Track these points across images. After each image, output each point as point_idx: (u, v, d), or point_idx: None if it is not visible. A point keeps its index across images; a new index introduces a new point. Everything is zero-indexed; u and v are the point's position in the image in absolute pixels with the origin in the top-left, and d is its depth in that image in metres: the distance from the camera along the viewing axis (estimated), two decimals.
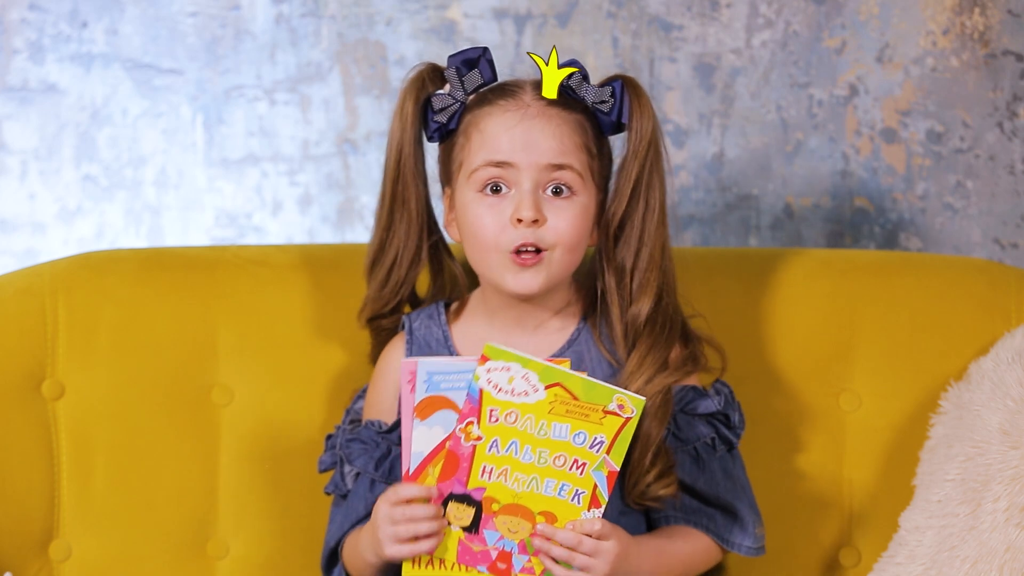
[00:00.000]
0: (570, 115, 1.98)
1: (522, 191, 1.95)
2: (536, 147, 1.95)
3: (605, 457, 1.87)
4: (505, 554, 1.88)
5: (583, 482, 1.87)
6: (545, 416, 1.87)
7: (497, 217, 1.96)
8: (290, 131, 2.54)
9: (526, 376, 1.87)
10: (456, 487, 1.87)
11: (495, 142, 1.96)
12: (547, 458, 1.87)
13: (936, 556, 2.01)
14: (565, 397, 1.87)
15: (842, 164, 2.54)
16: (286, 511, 2.19)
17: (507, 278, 1.97)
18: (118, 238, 2.53)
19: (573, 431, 1.87)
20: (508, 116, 1.97)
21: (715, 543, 2.03)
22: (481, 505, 1.87)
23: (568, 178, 1.96)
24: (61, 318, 2.19)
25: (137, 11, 2.52)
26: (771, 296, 2.23)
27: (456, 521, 1.87)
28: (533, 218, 1.94)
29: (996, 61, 2.53)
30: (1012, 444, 2.02)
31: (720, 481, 2.03)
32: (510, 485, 1.87)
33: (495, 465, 1.87)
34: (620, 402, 1.87)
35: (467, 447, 1.87)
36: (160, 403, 2.19)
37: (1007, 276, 2.24)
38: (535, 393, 1.87)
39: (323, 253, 2.27)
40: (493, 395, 1.87)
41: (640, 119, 1.98)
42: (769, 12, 2.53)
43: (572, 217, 1.96)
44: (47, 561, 2.17)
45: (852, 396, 2.21)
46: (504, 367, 1.87)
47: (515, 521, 1.87)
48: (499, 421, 1.87)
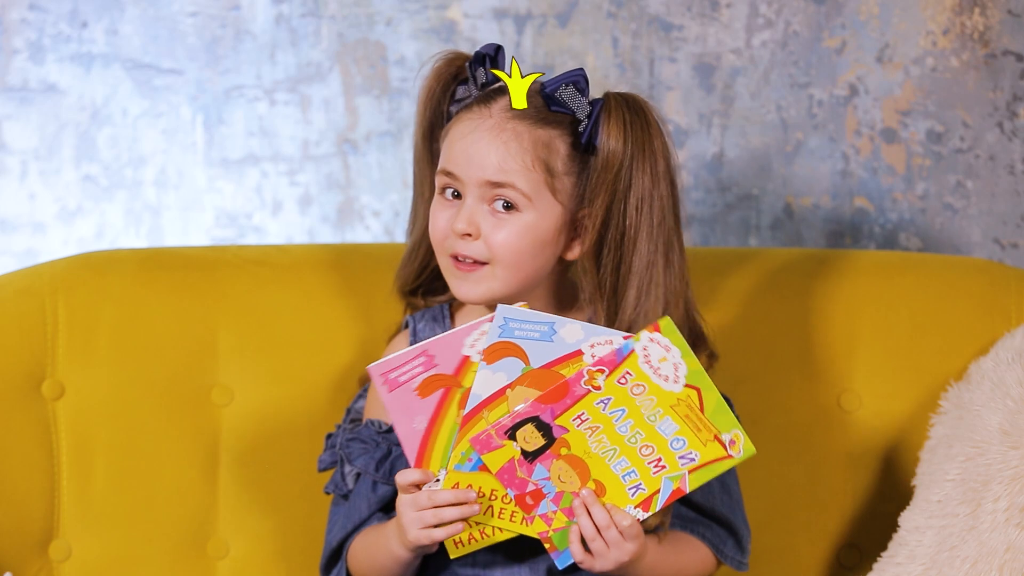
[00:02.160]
0: (533, 130, 1.95)
1: (465, 203, 1.95)
2: (477, 162, 1.94)
3: (685, 474, 1.86)
4: (539, 494, 1.87)
5: (651, 481, 1.87)
6: (665, 407, 1.86)
7: (446, 222, 1.97)
8: (290, 131, 2.54)
9: (678, 365, 1.87)
10: (547, 414, 1.87)
11: (449, 151, 1.97)
12: (638, 441, 1.86)
13: (936, 556, 2.01)
14: (694, 403, 1.86)
15: (842, 164, 2.54)
16: (286, 511, 2.19)
17: (451, 282, 1.98)
18: (118, 238, 2.53)
19: (677, 434, 1.86)
20: (463, 126, 1.96)
21: (711, 553, 2.02)
22: (553, 443, 1.86)
23: (511, 196, 1.94)
24: (61, 318, 2.19)
25: (137, 11, 2.52)
26: (771, 296, 2.23)
27: (522, 443, 1.87)
28: (464, 231, 1.95)
29: (996, 61, 2.53)
30: (1012, 444, 2.02)
31: (717, 494, 2.03)
32: (590, 442, 1.87)
33: (592, 418, 1.86)
34: (735, 438, 1.86)
35: (583, 388, 1.86)
36: (160, 403, 2.19)
37: (1007, 276, 2.24)
38: (674, 383, 1.87)
39: (323, 253, 2.27)
40: (639, 362, 1.86)
41: (607, 140, 1.94)
42: (769, 12, 2.53)
43: (508, 234, 1.94)
44: (47, 561, 2.17)
45: (852, 396, 2.21)
46: (667, 345, 1.87)
47: (569, 472, 1.87)
48: (626, 385, 1.86)
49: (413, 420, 1.89)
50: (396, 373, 1.89)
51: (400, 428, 1.89)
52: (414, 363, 1.89)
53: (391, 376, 1.89)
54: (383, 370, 1.89)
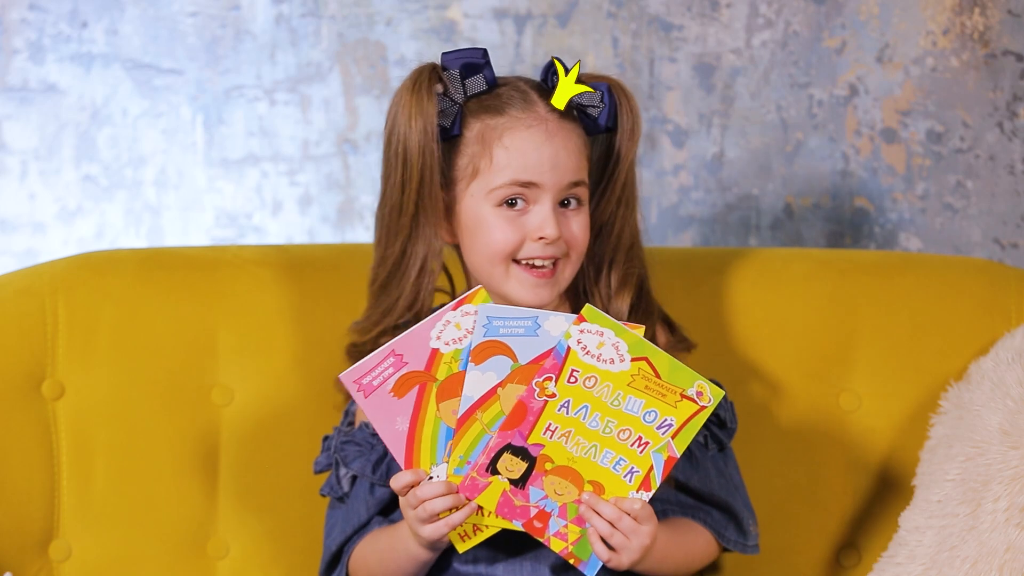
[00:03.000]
0: (576, 126, 1.99)
1: (544, 210, 1.96)
2: (561, 167, 1.97)
3: (670, 441, 1.86)
4: (544, 514, 1.87)
5: (641, 461, 1.86)
6: (623, 387, 1.86)
7: (515, 232, 1.97)
8: (290, 131, 2.54)
9: (617, 344, 1.87)
10: (516, 439, 1.86)
11: (523, 160, 1.96)
12: (613, 429, 1.86)
13: (936, 556, 2.01)
14: (648, 373, 1.86)
15: (842, 164, 2.54)
16: (286, 511, 2.19)
17: (521, 292, 1.98)
18: (118, 238, 2.53)
19: (646, 408, 1.86)
20: (533, 133, 1.97)
21: (714, 539, 2.03)
22: (535, 462, 1.86)
23: (581, 192, 1.99)
24: (61, 318, 2.19)
25: (137, 11, 2.52)
26: (771, 296, 2.23)
27: (506, 473, 1.86)
28: (557, 236, 1.96)
29: (996, 61, 2.53)
30: (1012, 444, 2.02)
31: (714, 479, 2.03)
32: (569, 448, 1.86)
33: (560, 425, 1.86)
34: (700, 389, 1.86)
35: (539, 402, 1.86)
36: (160, 403, 2.19)
37: (1007, 276, 2.24)
38: (620, 363, 1.86)
39: (323, 253, 2.27)
40: (579, 356, 1.86)
41: (629, 123, 2.00)
42: (769, 12, 2.53)
43: (582, 228, 1.99)
44: (47, 561, 2.17)
45: (852, 396, 2.21)
46: (598, 331, 1.87)
47: (563, 484, 1.87)
48: (577, 383, 1.86)
49: (395, 422, 1.89)
50: (368, 378, 1.89)
51: (383, 432, 1.89)
52: (384, 365, 1.89)
53: (364, 382, 1.88)
54: (355, 377, 1.89)
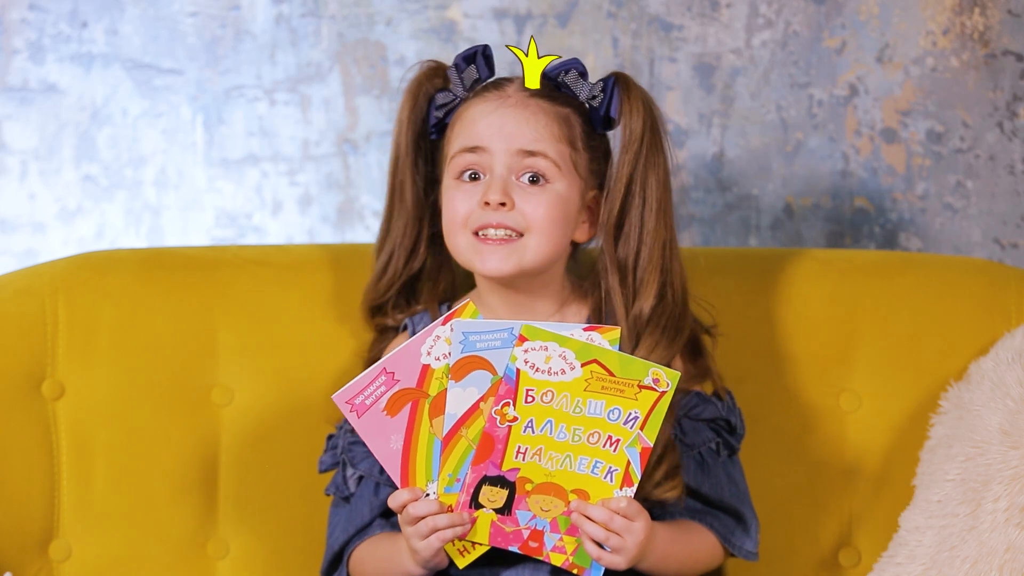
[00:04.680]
0: (553, 107, 1.98)
1: (494, 176, 1.96)
2: (509, 133, 1.96)
3: (639, 433, 1.87)
4: (537, 533, 1.88)
5: (616, 459, 1.87)
6: (581, 394, 1.87)
7: (468, 201, 1.97)
8: (290, 131, 2.54)
9: (563, 355, 1.87)
10: (490, 469, 1.87)
11: (471, 128, 1.98)
12: (581, 436, 1.87)
13: (936, 556, 2.01)
14: (601, 373, 1.87)
15: (842, 164, 2.54)
16: (286, 511, 2.19)
17: (475, 260, 1.98)
18: (118, 238, 2.53)
19: (608, 407, 1.87)
20: (486, 104, 1.98)
21: (720, 543, 2.03)
22: (515, 486, 1.87)
23: (542, 166, 1.97)
24: (61, 318, 2.19)
25: (137, 11, 2.52)
26: (771, 296, 2.23)
27: (489, 504, 1.87)
28: (500, 200, 1.95)
29: (996, 61, 2.53)
30: (1012, 444, 2.02)
31: (724, 486, 2.04)
32: (544, 464, 1.87)
33: (529, 446, 1.87)
34: (656, 376, 1.87)
35: (502, 429, 1.87)
36: (160, 403, 2.19)
37: (1007, 276, 2.24)
38: (572, 371, 1.87)
39: (323, 253, 2.27)
40: (530, 375, 1.87)
41: (630, 115, 1.98)
42: (769, 12, 2.53)
43: (544, 203, 1.97)
44: (47, 561, 2.17)
45: (852, 396, 2.21)
46: (541, 347, 1.87)
47: (548, 500, 1.87)
48: (535, 401, 1.87)
49: (389, 440, 1.88)
50: (361, 397, 1.88)
51: (378, 451, 1.89)
52: (376, 383, 1.88)
53: (356, 401, 1.88)
54: (347, 397, 1.88)
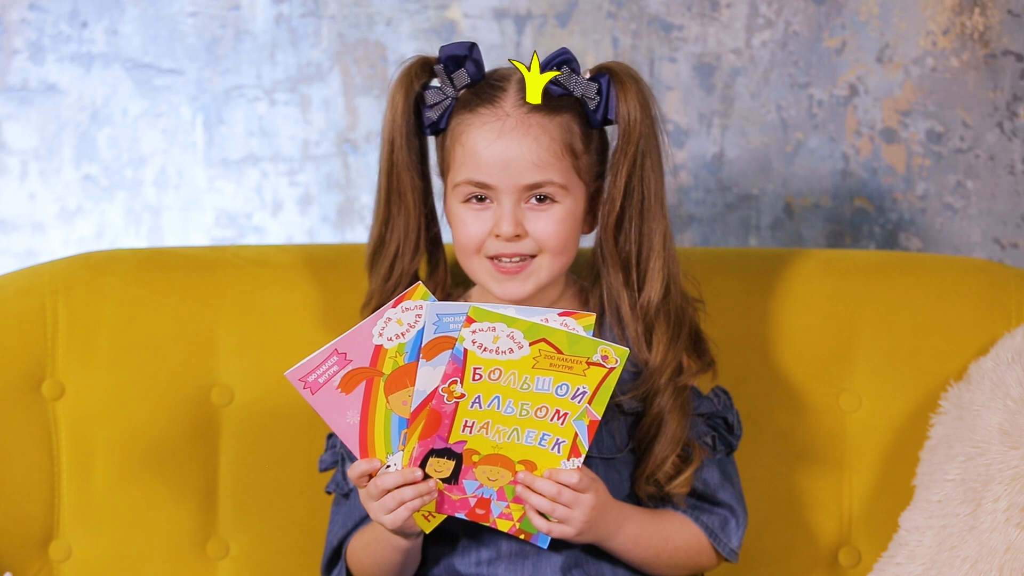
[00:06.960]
0: (552, 119, 1.96)
1: (503, 209, 1.96)
2: (514, 167, 1.94)
3: (587, 407, 1.87)
4: (484, 501, 1.89)
5: (564, 431, 1.88)
6: (529, 371, 1.87)
7: (480, 226, 1.97)
8: (290, 131, 2.54)
9: (511, 335, 1.87)
10: (437, 443, 1.88)
11: (475, 160, 1.95)
12: (529, 410, 1.87)
13: (936, 556, 2.01)
14: (549, 352, 1.87)
15: (842, 164, 2.54)
16: (286, 511, 2.19)
17: (492, 285, 1.99)
18: (118, 238, 2.53)
19: (556, 383, 1.87)
20: (487, 130, 1.95)
21: (706, 538, 2.02)
22: (461, 457, 1.88)
23: (549, 191, 1.96)
24: (61, 318, 2.19)
25: (137, 11, 2.52)
26: (771, 296, 2.23)
27: (436, 474, 1.88)
28: (512, 234, 1.95)
29: (996, 61, 2.53)
30: (1012, 444, 2.02)
31: (719, 482, 2.03)
32: (491, 437, 1.88)
33: (476, 420, 1.88)
34: (604, 353, 1.87)
35: (449, 405, 1.88)
36: (160, 403, 2.19)
37: (1007, 276, 2.24)
38: (520, 350, 1.87)
39: (323, 253, 2.27)
40: (478, 354, 1.87)
41: (627, 113, 1.97)
42: (769, 12, 2.53)
43: (554, 224, 1.96)
44: (47, 561, 2.17)
45: (852, 396, 2.21)
46: (489, 327, 1.87)
47: (495, 470, 1.89)
48: (483, 379, 1.87)
49: (345, 416, 1.89)
50: (314, 376, 1.89)
51: (335, 425, 1.89)
52: (328, 363, 1.89)
53: (309, 379, 1.89)
54: (300, 375, 1.89)
